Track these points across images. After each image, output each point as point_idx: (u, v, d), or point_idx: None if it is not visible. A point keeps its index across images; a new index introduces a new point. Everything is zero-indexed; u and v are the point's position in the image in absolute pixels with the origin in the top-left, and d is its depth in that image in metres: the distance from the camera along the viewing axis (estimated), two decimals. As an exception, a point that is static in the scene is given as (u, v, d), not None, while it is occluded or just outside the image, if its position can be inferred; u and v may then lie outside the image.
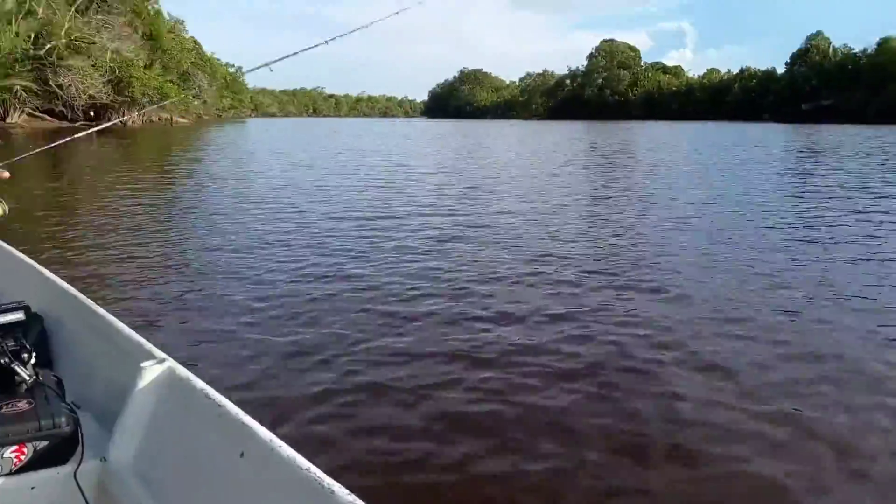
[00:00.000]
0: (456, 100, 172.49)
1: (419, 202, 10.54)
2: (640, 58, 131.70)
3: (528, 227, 8.50)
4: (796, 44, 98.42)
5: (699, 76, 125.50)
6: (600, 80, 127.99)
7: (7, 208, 1.70)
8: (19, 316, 1.93)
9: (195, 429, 1.72)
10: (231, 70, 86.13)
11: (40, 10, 37.24)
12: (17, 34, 34.05)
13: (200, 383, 1.77)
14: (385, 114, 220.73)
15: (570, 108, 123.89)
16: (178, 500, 1.68)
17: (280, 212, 9.42)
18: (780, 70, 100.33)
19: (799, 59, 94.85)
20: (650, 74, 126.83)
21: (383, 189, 12.39)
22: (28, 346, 1.90)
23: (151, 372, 1.87)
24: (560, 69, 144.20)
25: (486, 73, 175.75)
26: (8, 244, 2.79)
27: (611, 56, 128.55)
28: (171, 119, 53.46)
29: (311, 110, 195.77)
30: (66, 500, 1.76)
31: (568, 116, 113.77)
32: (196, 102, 62.29)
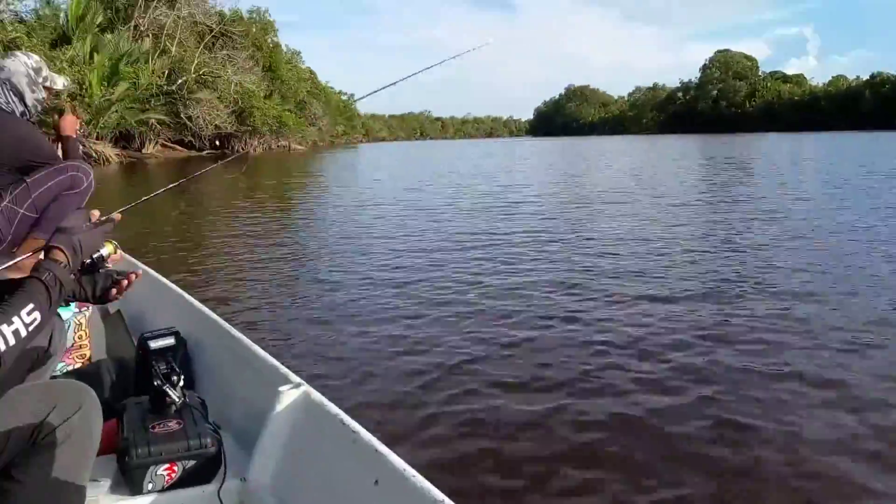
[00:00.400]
0: (562, 117, 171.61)
1: (539, 224, 10.40)
2: (757, 67, 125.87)
3: (664, 248, 8.22)
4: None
5: (824, 84, 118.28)
6: (715, 92, 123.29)
7: (118, 247, 1.81)
8: (171, 341, 2.07)
9: (331, 454, 1.75)
10: (343, 98, 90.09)
11: (173, 49, 40.49)
12: (153, 72, 37.07)
13: (335, 409, 1.81)
14: (490, 134, 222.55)
15: (682, 122, 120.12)
16: None
17: (399, 234, 9.55)
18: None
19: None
20: (769, 84, 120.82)
21: (500, 211, 12.39)
22: (177, 369, 2.03)
23: (288, 396, 1.93)
24: (672, 82, 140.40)
25: (593, 89, 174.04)
26: (156, 272, 3.02)
27: (726, 66, 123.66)
28: (289, 146, 56.29)
29: (418, 133, 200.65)
30: None
31: (680, 130, 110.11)
32: (311, 129, 65.30)
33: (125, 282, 1.74)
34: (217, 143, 45.98)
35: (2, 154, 3.12)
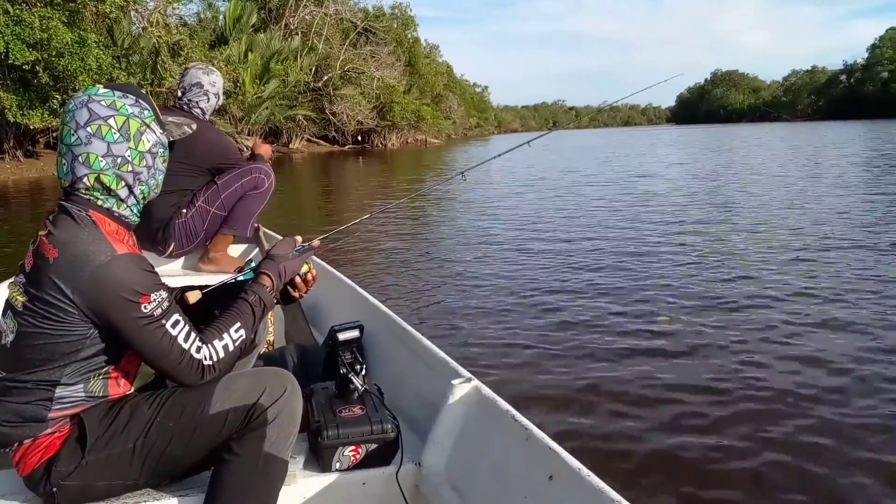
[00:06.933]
0: (707, 104, 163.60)
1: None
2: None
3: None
4: None
5: None
6: (885, 74, 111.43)
7: (312, 267, 2.05)
8: (356, 333, 2.25)
9: (503, 448, 1.84)
10: (478, 90, 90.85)
11: (320, 46, 42.47)
12: (301, 69, 39.07)
13: (506, 405, 1.89)
14: (627, 123, 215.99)
15: (843, 108, 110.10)
16: None
17: (548, 229, 9.39)
18: None
19: None
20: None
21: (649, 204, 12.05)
22: (360, 359, 2.21)
23: (461, 389, 2.04)
24: (833, 64, 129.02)
25: (742, 73, 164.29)
26: (336, 270, 3.27)
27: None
28: (426, 140, 57.69)
29: (551, 124, 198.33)
30: (388, 498, 2.00)
31: (841, 116, 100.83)
32: (446, 122, 66.44)
33: (309, 282, 2.03)
34: (359, 138, 48.00)
35: (197, 157, 3.50)
